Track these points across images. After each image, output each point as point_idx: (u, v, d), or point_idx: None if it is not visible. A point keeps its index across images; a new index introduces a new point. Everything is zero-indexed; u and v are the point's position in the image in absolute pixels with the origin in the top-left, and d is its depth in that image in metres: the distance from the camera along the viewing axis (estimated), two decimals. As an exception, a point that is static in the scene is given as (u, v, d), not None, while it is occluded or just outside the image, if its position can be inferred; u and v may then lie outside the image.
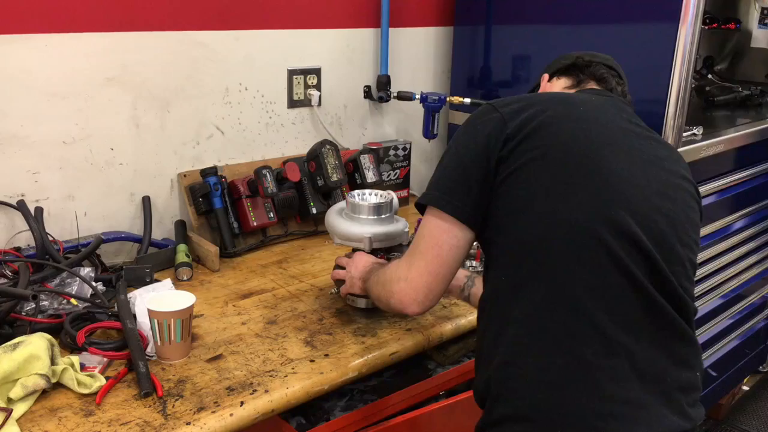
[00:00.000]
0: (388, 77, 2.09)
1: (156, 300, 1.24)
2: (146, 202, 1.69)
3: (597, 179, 1.01)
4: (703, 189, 1.99)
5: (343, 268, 1.40)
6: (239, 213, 1.75)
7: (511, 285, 1.03)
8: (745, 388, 2.77)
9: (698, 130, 1.93)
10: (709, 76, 2.95)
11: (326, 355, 1.28)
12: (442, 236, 1.08)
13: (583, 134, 1.05)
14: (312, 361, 1.26)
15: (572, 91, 1.27)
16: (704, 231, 2.08)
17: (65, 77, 1.53)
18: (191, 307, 1.24)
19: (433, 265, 1.09)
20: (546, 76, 1.35)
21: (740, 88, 2.67)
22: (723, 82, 2.94)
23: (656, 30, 1.69)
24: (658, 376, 1.01)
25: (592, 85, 1.27)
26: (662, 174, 1.08)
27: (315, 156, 1.81)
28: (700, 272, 2.11)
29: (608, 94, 1.23)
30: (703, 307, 2.16)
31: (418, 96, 2.05)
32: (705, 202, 2.00)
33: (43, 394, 1.12)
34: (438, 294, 1.11)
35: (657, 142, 1.14)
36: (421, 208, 1.12)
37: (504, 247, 1.05)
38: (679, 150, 1.74)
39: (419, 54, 2.23)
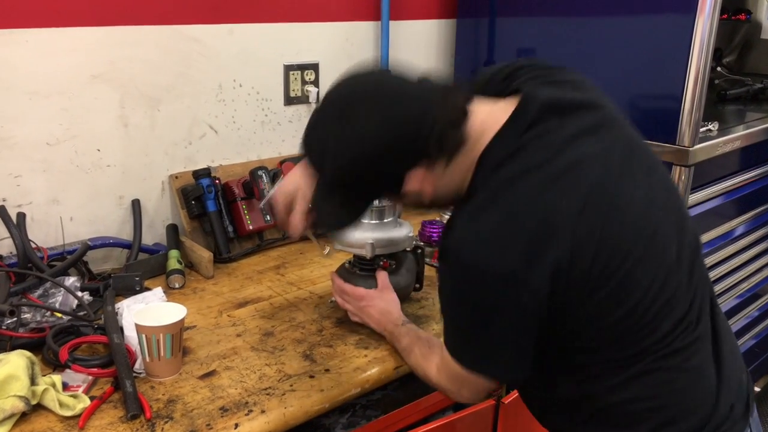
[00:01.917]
0: (389, 72, 2.01)
1: (144, 313, 1.16)
2: (136, 205, 1.61)
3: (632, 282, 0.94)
4: (717, 188, 1.91)
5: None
6: (234, 216, 1.67)
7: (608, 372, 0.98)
8: (757, 389, 2.70)
9: (713, 126, 1.85)
10: (718, 68, 2.87)
11: (327, 370, 1.20)
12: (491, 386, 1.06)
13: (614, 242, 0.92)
14: (312, 376, 1.18)
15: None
16: (718, 231, 2.01)
17: (48, 74, 1.45)
18: (182, 321, 1.16)
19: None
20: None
21: (752, 81, 2.59)
22: (732, 74, 2.86)
23: (672, 22, 1.61)
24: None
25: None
26: (673, 220, 1.00)
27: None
28: (713, 273, 2.03)
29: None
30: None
31: (420, 92, 1.97)
32: (719, 201, 1.94)
33: (23, 417, 1.04)
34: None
35: (644, 169, 1.00)
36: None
37: (588, 346, 0.98)
38: (695, 147, 1.67)
39: (421, 48, 2.16)
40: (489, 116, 0.97)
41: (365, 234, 1.30)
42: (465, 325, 0.98)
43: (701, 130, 1.74)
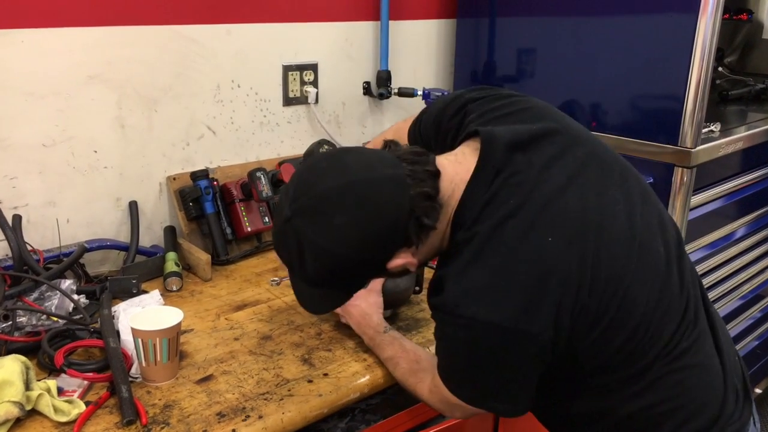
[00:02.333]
0: (389, 73, 2.00)
1: (140, 317, 1.14)
2: (133, 207, 1.60)
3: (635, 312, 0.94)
4: (719, 189, 1.90)
5: None
6: (232, 218, 1.66)
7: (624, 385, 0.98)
8: (758, 390, 2.68)
9: (716, 127, 1.83)
10: (719, 68, 2.86)
11: (325, 375, 1.18)
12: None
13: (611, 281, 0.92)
14: (310, 381, 1.16)
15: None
16: (720, 233, 1.99)
17: (44, 75, 1.43)
18: (179, 325, 1.14)
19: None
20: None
21: (753, 82, 2.58)
22: (734, 74, 2.85)
23: (674, 21, 1.59)
24: None
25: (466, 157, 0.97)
26: (654, 222, 1.00)
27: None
28: (715, 275, 2.02)
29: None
30: (720, 309, 2.07)
31: (420, 92, 1.96)
32: (720, 203, 1.93)
33: (17, 423, 1.02)
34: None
35: (617, 178, 1.00)
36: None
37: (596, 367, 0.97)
38: (698, 148, 1.65)
39: (421, 48, 2.14)
40: (455, 171, 0.95)
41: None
42: (465, 368, 0.97)
43: (703, 131, 1.73)
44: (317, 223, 0.90)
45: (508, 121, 0.99)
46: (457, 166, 0.95)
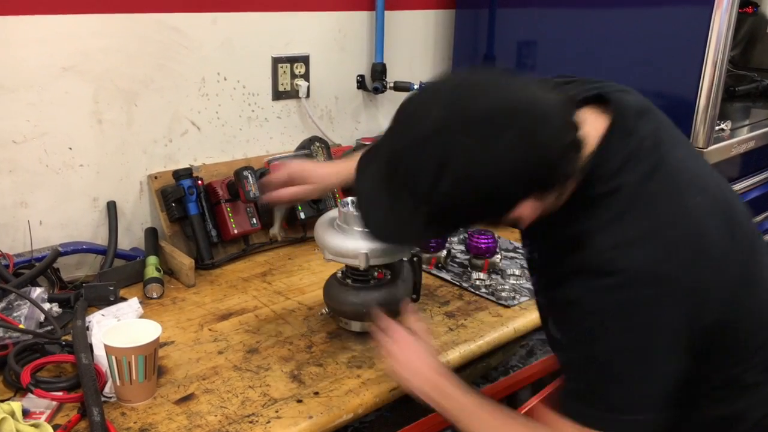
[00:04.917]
0: (384, 66, 1.93)
1: (114, 332, 1.05)
2: (111, 208, 1.51)
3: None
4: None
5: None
6: (218, 219, 1.57)
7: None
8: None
9: (726, 125, 1.76)
10: (723, 63, 2.79)
11: (316, 393, 1.10)
12: None
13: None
14: (299, 401, 1.08)
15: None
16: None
17: (14, 67, 1.34)
18: (156, 341, 1.05)
19: None
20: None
21: (759, 77, 2.50)
22: (737, 69, 2.78)
23: (687, 15, 1.52)
24: None
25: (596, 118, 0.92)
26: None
27: (303, 154, 1.63)
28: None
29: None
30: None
31: (416, 86, 1.89)
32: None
33: (-24, 450, 0.94)
34: None
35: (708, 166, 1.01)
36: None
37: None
38: (710, 148, 1.58)
39: (418, 40, 2.06)
40: (587, 127, 0.87)
41: (358, 243, 1.20)
42: (611, 359, 0.84)
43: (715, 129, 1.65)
44: (477, 141, 0.77)
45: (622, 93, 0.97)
46: (586, 126, 0.87)
